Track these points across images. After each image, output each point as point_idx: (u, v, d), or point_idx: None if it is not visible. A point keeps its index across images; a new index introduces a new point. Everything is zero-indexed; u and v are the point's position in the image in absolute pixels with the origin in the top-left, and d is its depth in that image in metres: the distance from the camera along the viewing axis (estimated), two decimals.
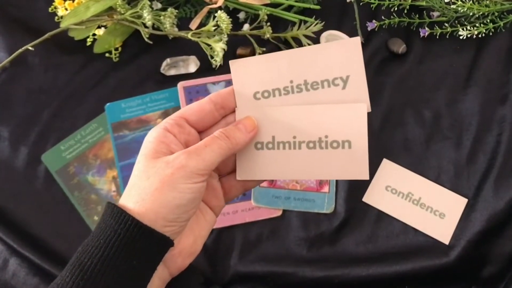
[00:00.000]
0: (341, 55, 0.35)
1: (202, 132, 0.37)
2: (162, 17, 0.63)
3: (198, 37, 0.62)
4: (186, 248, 0.36)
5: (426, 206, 0.59)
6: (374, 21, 0.66)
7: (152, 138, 0.35)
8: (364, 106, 0.35)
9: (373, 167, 0.61)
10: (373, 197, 0.60)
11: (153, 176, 0.33)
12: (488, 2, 0.63)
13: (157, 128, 0.36)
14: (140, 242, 0.32)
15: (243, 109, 0.37)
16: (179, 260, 0.36)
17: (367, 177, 0.36)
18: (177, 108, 0.64)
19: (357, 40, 0.35)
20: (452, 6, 0.63)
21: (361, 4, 0.66)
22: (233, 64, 0.37)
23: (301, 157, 0.36)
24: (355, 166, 0.36)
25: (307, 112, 0.35)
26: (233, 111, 0.37)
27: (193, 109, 0.36)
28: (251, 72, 0.36)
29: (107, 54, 0.66)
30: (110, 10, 0.65)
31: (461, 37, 0.63)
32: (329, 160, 0.35)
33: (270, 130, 0.36)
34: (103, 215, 0.33)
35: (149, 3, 0.62)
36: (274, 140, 0.36)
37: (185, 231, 0.35)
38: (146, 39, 0.64)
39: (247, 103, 0.36)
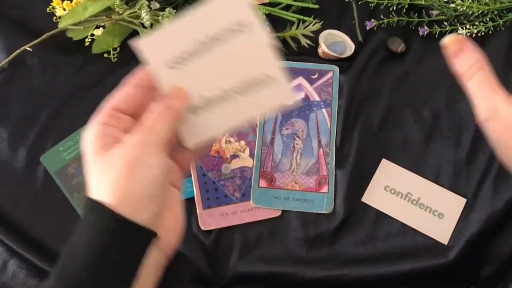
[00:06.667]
0: (228, 5, 0.35)
1: (138, 118, 0.37)
2: (160, 17, 0.62)
3: None
4: (172, 224, 0.37)
5: (425, 206, 0.59)
6: (373, 20, 0.65)
7: (93, 137, 0.34)
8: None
9: (372, 167, 0.61)
10: (372, 197, 0.60)
11: (115, 165, 0.33)
12: (487, 0, 0.63)
13: (93, 126, 0.35)
14: (121, 236, 0.32)
15: (163, 81, 0.37)
16: (168, 237, 0.36)
17: (292, 101, 0.37)
18: None
19: None
20: (451, 5, 0.62)
21: (359, 3, 0.66)
22: (139, 43, 0.36)
23: (231, 104, 0.37)
24: (279, 93, 0.37)
25: (215, 59, 0.36)
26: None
27: (120, 97, 0.36)
28: (158, 46, 0.36)
29: (105, 55, 0.66)
30: (108, 10, 0.65)
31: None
32: (256, 96, 0.37)
33: (195, 90, 0.37)
34: (84, 211, 0.33)
35: (147, 3, 0.61)
36: (202, 97, 0.37)
37: (164, 210, 0.36)
38: None
39: (165, 75, 0.37)
